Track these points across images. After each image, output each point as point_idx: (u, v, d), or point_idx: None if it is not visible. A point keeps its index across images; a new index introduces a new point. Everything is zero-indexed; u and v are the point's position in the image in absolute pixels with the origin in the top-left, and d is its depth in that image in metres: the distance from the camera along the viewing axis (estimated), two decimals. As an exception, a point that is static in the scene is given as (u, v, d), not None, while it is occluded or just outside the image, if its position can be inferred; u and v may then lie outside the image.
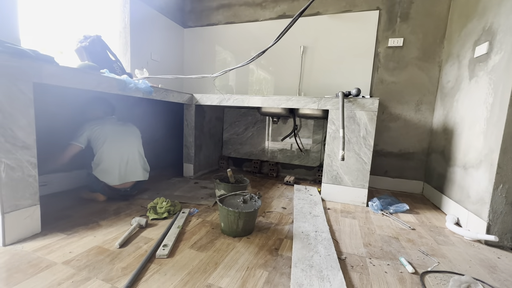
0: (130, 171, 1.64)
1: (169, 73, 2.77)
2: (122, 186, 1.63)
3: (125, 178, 1.61)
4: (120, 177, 1.59)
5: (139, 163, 1.70)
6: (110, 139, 1.58)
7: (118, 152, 1.60)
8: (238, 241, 1.21)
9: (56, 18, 1.90)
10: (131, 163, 1.65)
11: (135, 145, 1.71)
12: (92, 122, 1.59)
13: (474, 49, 1.59)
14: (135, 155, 1.68)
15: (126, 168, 1.62)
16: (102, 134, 1.57)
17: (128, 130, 1.72)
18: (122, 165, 1.60)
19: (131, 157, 1.65)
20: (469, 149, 1.55)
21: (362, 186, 1.81)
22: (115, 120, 1.70)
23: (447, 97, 1.93)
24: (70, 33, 2.00)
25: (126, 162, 1.62)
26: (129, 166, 1.63)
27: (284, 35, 1.50)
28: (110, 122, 1.66)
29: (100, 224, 1.29)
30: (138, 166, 1.69)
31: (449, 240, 1.35)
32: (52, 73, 1.13)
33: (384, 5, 2.21)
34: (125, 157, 1.62)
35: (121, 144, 1.62)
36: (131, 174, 1.64)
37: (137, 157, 1.70)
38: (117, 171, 1.58)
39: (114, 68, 1.83)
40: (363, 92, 2.27)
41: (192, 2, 2.91)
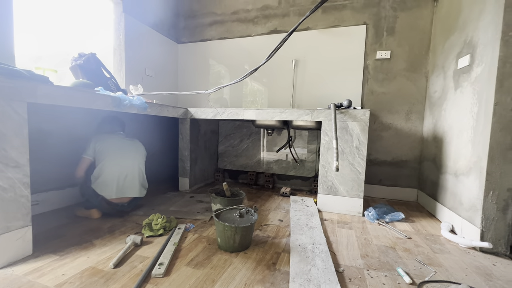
0: (128, 186, 1.63)
1: (164, 88, 2.80)
2: (119, 201, 1.61)
3: (122, 193, 1.60)
4: (117, 191, 1.58)
5: (138, 179, 1.69)
6: (112, 153, 1.60)
7: (118, 166, 1.60)
8: (235, 256, 1.20)
9: (51, 36, 1.93)
10: (130, 178, 1.64)
11: (136, 161, 1.70)
12: (98, 136, 1.64)
13: (457, 61, 1.67)
14: (135, 171, 1.68)
15: (124, 183, 1.61)
16: (105, 147, 1.60)
17: (132, 146, 1.73)
18: (120, 179, 1.59)
19: (130, 172, 1.64)
20: (458, 157, 1.59)
21: (358, 196, 1.83)
22: (121, 136, 1.73)
23: (435, 107, 1.99)
24: (66, 51, 2.03)
25: (125, 177, 1.61)
26: (127, 181, 1.62)
27: (275, 53, 1.55)
28: (116, 137, 1.70)
29: (94, 244, 1.27)
30: (136, 182, 1.67)
31: (445, 248, 1.36)
32: (46, 93, 1.14)
33: (371, 20, 2.31)
34: (124, 172, 1.61)
35: (122, 159, 1.63)
36: (129, 189, 1.63)
37: (137, 173, 1.69)
38: (115, 185, 1.57)
39: (108, 85, 1.85)
40: (354, 103, 2.33)
41: (186, 19, 2.98)
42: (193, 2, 2.94)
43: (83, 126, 1.87)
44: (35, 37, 1.84)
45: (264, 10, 2.65)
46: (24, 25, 1.70)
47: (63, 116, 1.74)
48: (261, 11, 2.66)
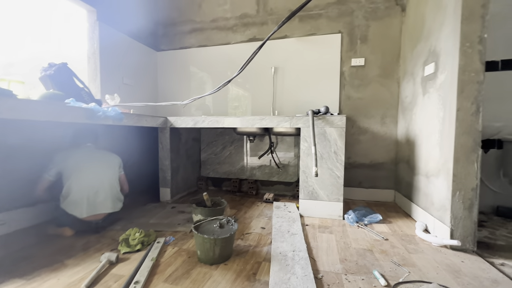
0: (100, 203, 1.55)
1: (143, 96, 2.74)
2: (93, 218, 1.54)
3: (94, 210, 1.53)
4: (89, 209, 1.50)
5: (110, 194, 1.62)
6: (78, 170, 1.52)
7: (87, 183, 1.52)
8: (215, 269, 1.18)
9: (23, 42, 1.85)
10: (102, 194, 1.57)
11: (107, 175, 1.63)
12: (62, 153, 1.56)
13: (424, 68, 1.77)
14: (106, 185, 1.60)
15: (95, 200, 1.53)
16: (70, 165, 1.52)
17: (103, 159, 1.66)
18: (90, 196, 1.52)
19: (101, 188, 1.57)
20: (429, 159, 1.68)
21: (337, 200, 1.87)
22: (90, 149, 1.66)
23: (407, 111, 2.10)
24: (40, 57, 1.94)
25: (95, 193, 1.54)
26: (99, 197, 1.55)
27: (247, 64, 1.58)
28: (83, 151, 1.62)
29: (65, 264, 1.21)
30: (108, 197, 1.60)
31: (419, 248, 1.42)
32: (9, 107, 1.08)
33: (345, 29, 2.40)
34: (94, 188, 1.54)
35: (90, 175, 1.55)
36: (101, 206, 1.56)
37: (108, 187, 1.61)
38: (85, 203, 1.49)
39: (82, 96, 1.79)
40: (333, 108, 2.40)
41: (165, 27, 2.96)
42: (171, 10, 2.92)
43: (55, 138, 1.78)
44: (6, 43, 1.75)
45: (243, 19, 2.68)
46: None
47: (32, 129, 1.66)
48: (239, 19, 2.69)
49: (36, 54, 1.96)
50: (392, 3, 2.28)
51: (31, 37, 1.91)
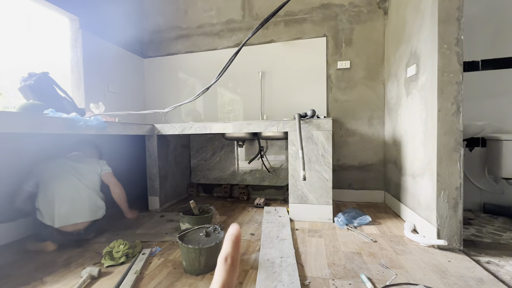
0: (76, 212, 1.48)
1: (129, 103, 2.70)
2: (72, 228, 1.47)
3: (69, 220, 1.45)
4: (63, 219, 1.44)
5: (88, 202, 1.54)
6: (52, 180, 1.48)
7: (60, 192, 1.47)
8: (200, 279, 1.15)
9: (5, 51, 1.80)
10: (78, 203, 1.50)
11: (82, 182, 1.55)
12: (40, 164, 1.53)
13: (407, 70, 1.80)
14: (82, 193, 1.53)
15: (70, 209, 1.46)
16: (46, 175, 1.49)
17: (80, 166, 1.60)
18: (63, 206, 1.45)
19: (75, 197, 1.50)
20: (414, 159, 1.69)
21: (327, 203, 1.86)
22: (70, 158, 1.63)
23: (392, 112, 2.12)
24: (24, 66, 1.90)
25: (69, 202, 1.47)
26: (73, 206, 1.48)
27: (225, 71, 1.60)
28: (60, 161, 1.58)
29: (44, 282, 1.16)
30: (85, 206, 1.52)
31: (406, 249, 1.42)
32: (-18, 120, 1.05)
33: (330, 33, 2.43)
34: (67, 197, 1.47)
35: (64, 184, 1.49)
36: (78, 215, 1.48)
37: (84, 195, 1.53)
38: (58, 213, 1.43)
39: (63, 105, 1.75)
40: (320, 111, 2.41)
41: (151, 34, 2.94)
42: (157, 17, 2.91)
43: (37, 150, 1.73)
44: None
45: (229, 24, 2.69)
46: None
47: (15, 142, 1.61)
48: (225, 24, 2.70)
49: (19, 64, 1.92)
50: (375, 6, 2.32)
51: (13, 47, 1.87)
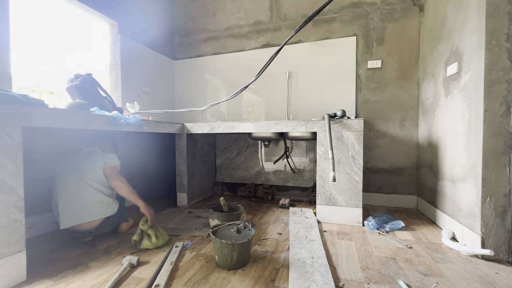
0: (78, 213, 1.43)
1: (161, 103, 2.83)
2: (81, 228, 1.44)
3: (76, 220, 1.42)
4: (69, 219, 1.41)
5: (91, 201, 1.46)
6: (58, 179, 1.47)
7: (61, 191, 1.44)
8: (233, 274, 1.17)
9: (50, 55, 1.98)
10: (80, 203, 1.44)
11: (85, 181, 1.47)
12: (54, 160, 1.55)
13: (446, 68, 1.70)
14: (85, 193, 1.45)
15: (73, 210, 1.42)
16: (54, 172, 1.51)
17: (83, 165, 1.51)
18: (67, 207, 1.42)
19: (78, 197, 1.44)
20: (454, 163, 1.60)
21: (356, 206, 1.81)
22: (79, 155, 1.58)
23: (428, 113, 2.02)
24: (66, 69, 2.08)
25: (72, 203, 1.43)
26: (76, 207, 1.43)
27: (264, 70, 1.60)
28: (68, 158, 1.54)
29: (89, 266, 1.25)
30: (89, 205, 1.46)
31: (446, 257, 1.34)
32: (42, 116, 1.15)
33: (360, 32, 2.37)
34: (70, 198, 1.43)
35: (68, 184, 1.45)
36: (82, 216, 1.43)
37: (88, 194, 1.46)
38: (59, 214, 1.41)
39: (105, 104, 1.87)
40: (349, 112, 2.36)
41: (181, 36, 3.06)
42: (187, 20, 3.02)
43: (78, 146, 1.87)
44: (35, 56, 1.88)
45: (256, 25, 2.72)
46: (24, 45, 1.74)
47: (58, 137, 1.75)
48: (253, 26, 2.74)
49: (61, 66, 2.09)
50: (409, 3, 2.23)
51: (58, 50, 2.04)
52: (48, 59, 1.98)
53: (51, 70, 2.04)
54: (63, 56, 2.08)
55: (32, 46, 1.85)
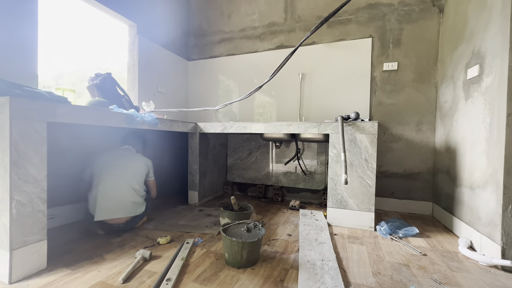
0: (116, 207, 1.53)
1: (175, 103, 2.89)
2: (115, 222, 1.55)
3: (111, 214, 1.52)
4: (105, 212, 1.51)
5: (128, 199, 1.58)
6: (100, 172, 1.57)
7: (105, 186, 1.54)
8: (242, 272, 1.18)
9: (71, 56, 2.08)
10: (118, 199, 1.55)
11: (127, 180, 1.60)
12: (95, 155, 1.65)
13: (466, 71, 1.64)
14: (124, 190, 1.57)
15: (111, 204, 1.52)
16: (97, 166, 1.59)
17: (129, 163, 1.66)
18: (106, 201, 1.52)
19: (116, 194, 1.55)
20: (473, 169, 1.54)
21: (368, 210, 1.78)
22: (121, 152, 1.71)
23: (446, 117, 1.95)
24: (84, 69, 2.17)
25: (112, 198, 1.53)
26: (114, 202, 1.53)
27: (279, 70, 1.59)
28: (112, 154, 1.67)
29: (104, 258, 1.29)
30: (126, 202, 1.57)
31: (463, 266, 1.29)
32: (65, 112, 1.22)
33: (376, 33, 2.33)
34: (108, 192, 1.53)
35: (110, 180, 1.56)
36: (118, 211, 1.54)
37: (126, 192, 1.58)
38: (102, 206, 1.51)
39: (122, 103, 1.94)
40: (363, 114, 2.32)
41: (196, 38, 3.12)
42: (202, 22, 3.08)
43: (96, 142, 1.95)
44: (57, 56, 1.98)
45: (271, 27, 2.74)
46: (47, 46, 1.83)
47: (78, 133, 1.83)
48: (267, 27, 2.75)
49: (82, 66, 2.19)
50: (429, 4, 2.17)
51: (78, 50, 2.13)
52: (69, 58, 2.07)
53: (73, 68, 2.14)
54: (83, 56, 2.17)
55: (54, 45, 1.94)
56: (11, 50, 1.51)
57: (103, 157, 1.64)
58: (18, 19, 1.54)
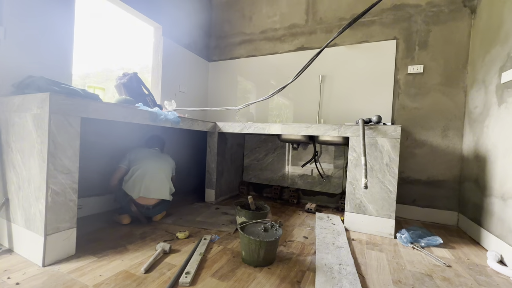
0: (154, 187, 1.73)
1: (195, 103, 2.97)
2: (145, 202, 1.71)
3: (148, 193, 1.70)
4: (144, 190, 1.69)
5: (164, 183, 1.81)
6: (142, 160, 1.77)
7: (146, 169, 1.73)
8: (259, 271, 1.19)
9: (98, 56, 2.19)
10: (157, 181, 1.76)
11: (163, 169, 1.83)
12: (135, 149, 1.85)
13: (501, 75, 1.56)
14: (162, 175, 1.80)
15: (150, 184, 1.72)
16: (137, 156, 1.78)
17: (162, 157, 1.91)
18: (146, 180, 1.71)
19: (156, 176, 1.76)
20: (506, 179, 1.45)
21: (389, 216, 1.72)
22: (155, 150, 1.93)
23: (476, 123, 1.85)
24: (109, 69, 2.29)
25: (151, 179, 1.73)
26: (154, 182, 1.74)
27: (303, 72, 1.59)
28: (150, 150, 1.90)
29: (127, 248, 1.35)
30: (163, 185, 1.79)
31: (492, 281, 1.22)
32: (96, 108, 1.29)
33: (401, 35, 2.26)
34: (151, 175, 1.74)
35: (151, 165, 1.77)
36: (155, 191, 1.74)
37: (165, 177, 1.82)
38: (142, 184, 1.69)
39: (147, 101, 2.02)
40: (385, 118, 2.26)
41: (217, 39, 3.19)
42: (224, 24, 3.14)
43: (122, 138, 2.04)
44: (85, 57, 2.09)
45: (292, 29, 2.74)
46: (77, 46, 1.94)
47: (105, 129, 1.93)
48: (288, 29, 2.76)
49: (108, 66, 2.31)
50: (459, 5, 2.08)
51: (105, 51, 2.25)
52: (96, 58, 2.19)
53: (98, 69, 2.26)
54: (108, 56, 2.29)
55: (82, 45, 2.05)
56: (50, 52, 1.63)
57: (142, 150, 1.86)
58: (57, 22, 1.66)
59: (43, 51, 1.59)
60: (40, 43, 1.57)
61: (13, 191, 1.26)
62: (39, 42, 1.56)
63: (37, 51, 1.56)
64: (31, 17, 1.52)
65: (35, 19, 1.54)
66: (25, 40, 1.49)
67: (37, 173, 1.15)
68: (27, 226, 1.19)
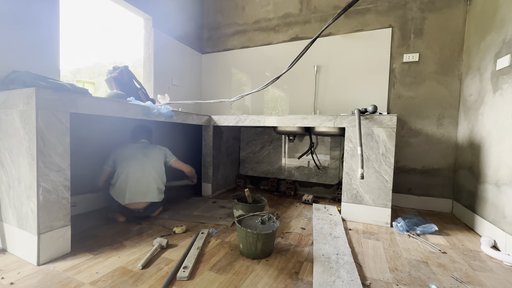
0: (140, 192, 1.64)
1: (189, 96, 2.92)
2: (134, 207, 1.64)
3: (134, 198, 1.62)
4: (129, 196, 1.61)
5: (152, 185, 1.69)
6: (126, 162, 1.67)
7: (131, 172, 1.64)
8: (257, 263, 1.19)
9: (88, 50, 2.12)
10: (143, 184, 1.66)
11: (151, 167, 1.71)
12: (117, 148, 1.74)
13: (496, 61, 1.55)
14: (149, 176, 1.69)
15: (136, 188, 1.63)
16: (121, 157, 1.69)
17: (149, 151, 1.78)
18: (131, 185, 1.62)
19: (143, 178, 1.66)
20: (499, 165, 1.46)
21: (385, 205, 1.74)
22: (142, 145, 1.81)
23: (471, 111, 1.86)
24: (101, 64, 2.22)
25: (136, 183, 1.63)
26: (139, 186, 1.64)
27: (297, 62, 1.56)
28: (135, 146, 1.78)
29: (124, 245, 1.34)
30: (150, 188, 1.68)
31: (486, 266, 1.24)
32: (86, 103, 1.25)
33: (397, 23, 2.23)
34: (136, 178, 1.64)
35: (136, 167, 1.66)
36: (141, 195, 1.64)
37: (152, 178, 1.70)
38: (127, 191, 1.61)
39: (139, 95, 1.97)
40: (380, 108, 2.25)
41: (210, 30, 3.11)
42: (217, 14, 3.06)
43: (114, 133, 2.00)
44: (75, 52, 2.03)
45: (285, 18, 2.68)
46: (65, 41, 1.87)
47: (97, 124, 1.88)
48: (282, 19, 2.70)
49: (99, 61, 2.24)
50: (454, -9, 2.05)
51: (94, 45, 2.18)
52: (86, 53, 2.12)
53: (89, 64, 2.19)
54: (99, 51, 2.22)
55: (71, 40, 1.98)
56: (35, 46, 1.56)
57: (125, 149, 1.74)
58: (42, 15, 1.59)
59: (28, 45, 1.52)
60: (25, 37, 1.50)
61: (3, 190, 1.23)
62: (23, 35, 1.49)
63: (21, 45, 1.49)
64: (14, 10, 1.45)
65: (18, 12, 1.47)
66: (8, 34, 1.43)
67: (27, 172, 1.12)
68: (20, 225, 1.17)
